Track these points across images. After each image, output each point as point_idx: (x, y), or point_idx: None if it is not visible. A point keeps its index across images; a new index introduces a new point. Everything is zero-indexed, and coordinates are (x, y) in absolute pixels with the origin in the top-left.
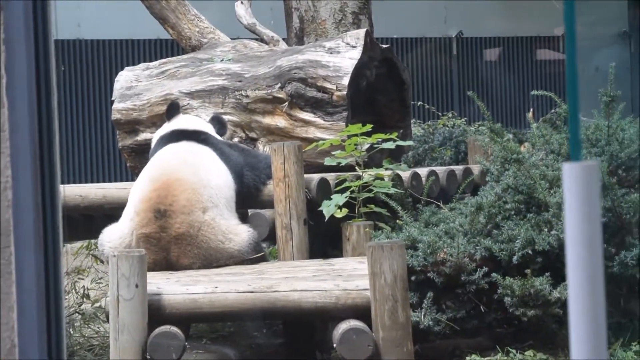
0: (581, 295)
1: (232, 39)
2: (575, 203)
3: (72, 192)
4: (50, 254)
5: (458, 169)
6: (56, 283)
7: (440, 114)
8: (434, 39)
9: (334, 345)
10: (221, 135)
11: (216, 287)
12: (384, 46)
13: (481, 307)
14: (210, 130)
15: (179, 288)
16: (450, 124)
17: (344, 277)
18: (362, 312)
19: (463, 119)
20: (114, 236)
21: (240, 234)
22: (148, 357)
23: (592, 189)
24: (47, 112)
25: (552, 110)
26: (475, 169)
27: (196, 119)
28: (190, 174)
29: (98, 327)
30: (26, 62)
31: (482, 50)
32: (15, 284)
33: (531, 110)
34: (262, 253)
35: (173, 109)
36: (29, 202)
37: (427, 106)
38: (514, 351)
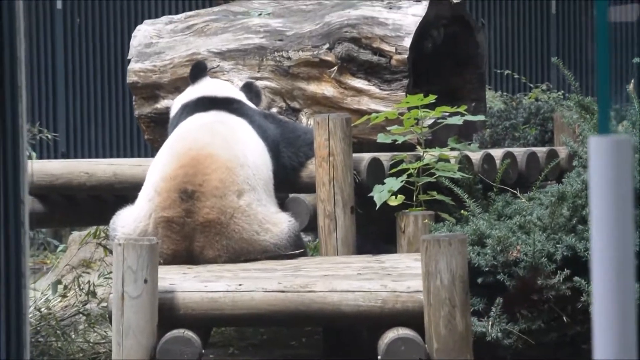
0: (608, 288)
1: None
2: (603, 182)
3: (77, 168)
4: (11, 234)
5: (541, 151)
6: (18, 269)
7: (531, 85)
8: None
9: (379, 357)
10: (255, 106)
11: (240, 285)
12: (455, 1)
13: (563, 318)
14: (243, 98)
15: (196, 285)
16: (544, 97)
17: (394, 277)
18: (413, 318)
19: (559, 93)
20: (128, 220)
21: (279, 225)
22: None
23: (623, 167)
24: (10, 66)
25: None
26: (562, 151)
27: (226, 84)
28: (223, 149)
29: (105, 331)
30: None
31: (587, 8)
32: None
33: (632, 81)
34: (303, 250)
35: (198, 69)
36: None
37: (515, 76)
38: None
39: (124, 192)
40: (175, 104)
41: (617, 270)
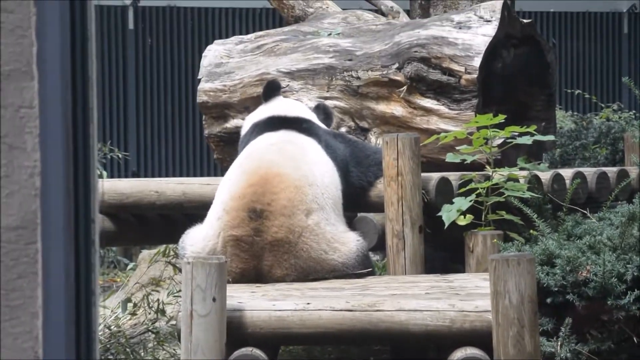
0: None
1: (343, 9)
2: None
3: (146, 187)
4: (82, 252)
5: (611, 171)
6: (88, 287)
7: (602, 105)
8: (600, 14)
9: None
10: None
11: (308, 304)
12: (525, 21)
13: (634, 339)
14: (314, 118)
15: (264, 303)
16: (615, 117)
17: (462, 296)
18: (481, 338)
19: (631, 112)
20: (197, 238)
21: (347, 244)
22: None
23: None
24: (82, 87)
25: None
26: (633, 171)
27: (297, 104)
28: (292, 168)
29: (174, 349)
30: (60, 26)
31: None
32: (41, 287)
33: None
34: (371, 269)
35: (272, 88)
36: (60, 190)
37: (586, 95)
38: None
39: (193, 211)
40: (246, 122)
41: None
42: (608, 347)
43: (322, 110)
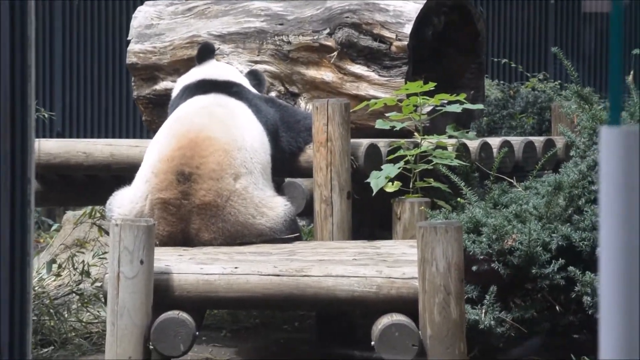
0: (615, 280)
1: None
2: (613, 173)
3: (74, 147)
4: (17, 212)
5: (538, 140)
6: (23, 247)
7: (528, 74)
8: None
9: (373, 342)
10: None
11: (236, 268)
12: None
13: (556, 307)
14: (245, 83)
15: (192, 267)
16: (541, 87)
17: (389, 263)
18: (407, 305)
19: (557, 82)
20: (124, 201)
21: (275, 209)
22: (151, 346)
23: (633, 158)
24: (21, 45)
25: None
26: (560, 141)
27: (229, 68)
28: (221, 132)
29: (98, 311)
30: None
31: None
32: None
33: (632, 73)
34: (298, 234)
35: (206, 51)
36: None
37: (512, 65)
38: None
39: (121, 173)
40: (177, 85)
41: (626, 262)
42: (531, 315)
43: (254, 76)
